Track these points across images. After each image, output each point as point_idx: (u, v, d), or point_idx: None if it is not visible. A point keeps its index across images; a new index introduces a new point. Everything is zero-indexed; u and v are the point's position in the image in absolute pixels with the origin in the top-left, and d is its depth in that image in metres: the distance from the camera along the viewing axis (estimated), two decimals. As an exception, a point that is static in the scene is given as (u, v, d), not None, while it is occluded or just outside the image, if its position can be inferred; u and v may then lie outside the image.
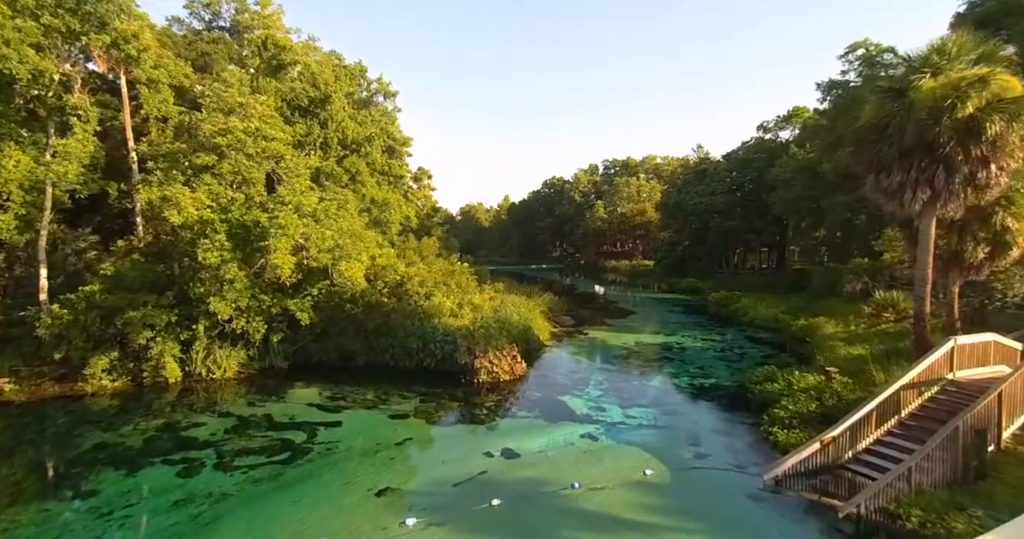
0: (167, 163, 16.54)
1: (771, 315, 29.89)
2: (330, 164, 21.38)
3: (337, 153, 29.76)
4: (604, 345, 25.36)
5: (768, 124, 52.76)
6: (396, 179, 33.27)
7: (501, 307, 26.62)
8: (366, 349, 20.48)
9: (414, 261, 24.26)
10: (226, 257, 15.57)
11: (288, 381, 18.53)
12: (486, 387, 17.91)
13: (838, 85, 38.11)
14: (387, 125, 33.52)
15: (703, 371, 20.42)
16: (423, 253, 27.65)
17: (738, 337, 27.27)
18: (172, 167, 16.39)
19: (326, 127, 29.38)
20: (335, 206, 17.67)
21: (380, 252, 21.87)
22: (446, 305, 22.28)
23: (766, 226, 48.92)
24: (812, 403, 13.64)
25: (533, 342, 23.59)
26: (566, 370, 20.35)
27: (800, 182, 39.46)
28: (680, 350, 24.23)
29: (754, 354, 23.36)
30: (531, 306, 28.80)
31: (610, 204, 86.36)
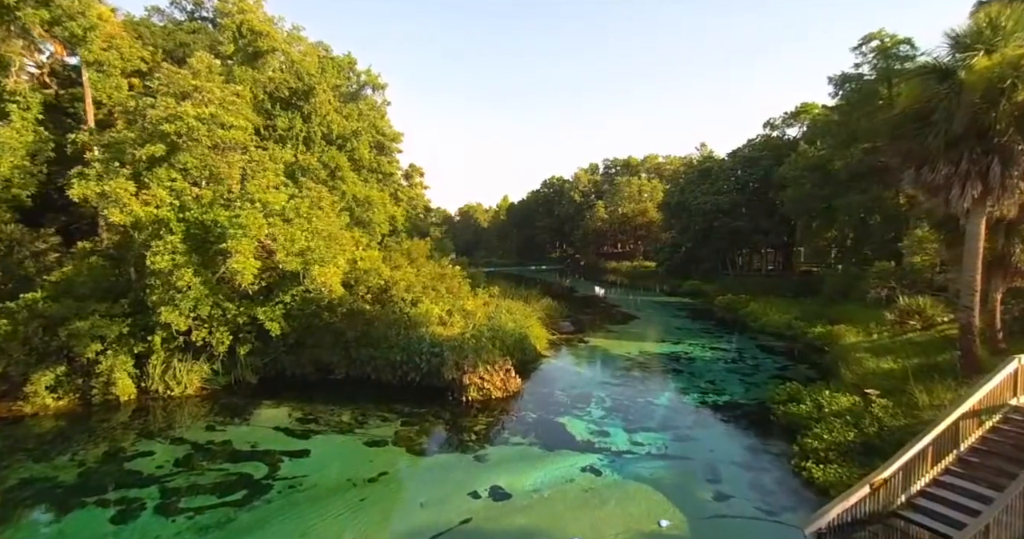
0: (109, 154, 14.70)
1: (783, 321, 28.07)
2: (307, 158, 19.59)
3: (321, 148, 27.90)
4: (606, 355, 23.52)
5: (775, 121, 50.99)
6: (385, 176, 31.41)
7: (496, 313, 24.82)
8: (345, 361, 18.64)
9: (401, 264, 22.43)
10: (179, 261, 13.73)
11: (256, 398, 16.68)
12: (476, 406, 16.07)
13: (851, 78, 36.30)
14: (376, 120, 31.67)
15: (715, 386, 18.59)
16: (412, 255, 25.78)
17: (749, 345, 25.43)
18: (114, 158, 14.54)
19: (309, 121, 27.54)
20: (307, 204, 15.81)
21: (362, 255, 20.04)
22: (434, 312, 20.44)
23: (773, 227, 47.09)
24: (849, 431, 11.79)
25: (529, 352, 21.75)
26: (565, 385, 18.51)
27: (810, 181, 37.65)
28: (688, 361, 22.39)
29: (769, 366, 21.52)
30: (528, 312, 26.98)
31: (611, 204, 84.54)
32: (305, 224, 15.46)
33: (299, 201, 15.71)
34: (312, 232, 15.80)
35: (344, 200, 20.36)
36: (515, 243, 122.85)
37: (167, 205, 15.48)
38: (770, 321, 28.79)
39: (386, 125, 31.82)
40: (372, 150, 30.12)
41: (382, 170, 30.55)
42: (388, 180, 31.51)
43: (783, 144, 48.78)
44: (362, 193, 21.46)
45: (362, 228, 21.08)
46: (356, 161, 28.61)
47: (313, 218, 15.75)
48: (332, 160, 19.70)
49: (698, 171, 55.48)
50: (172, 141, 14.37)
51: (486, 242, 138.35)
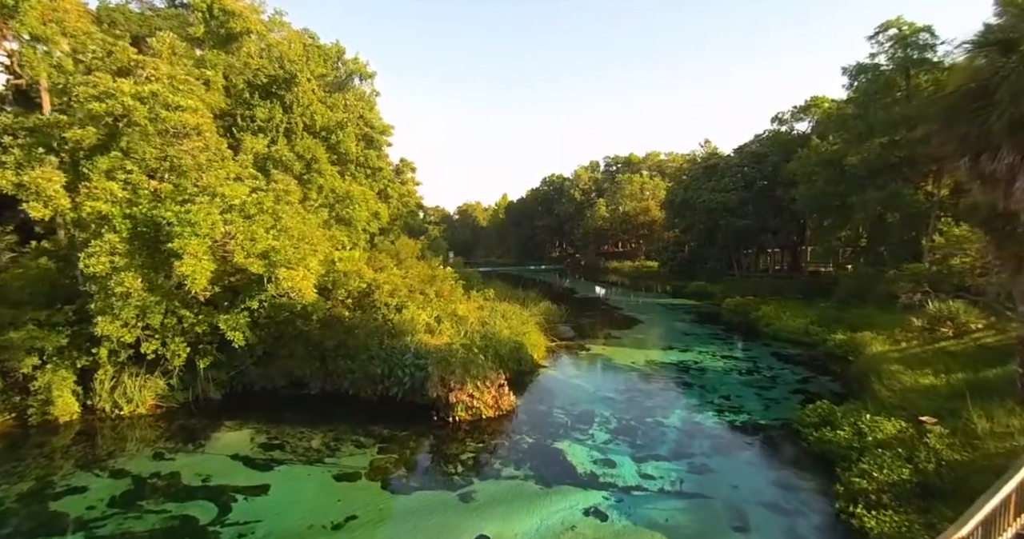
0: (33, 139, 12.86)
1: (799, 327, 26.20)
2: (279, 149, 17.73)
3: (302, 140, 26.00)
4: (609, 365, 21.67)
5: (783, 115, 49.09)
6: (374, 171, 29.51)
7: (490, 318, 23.01)
8: (321, 374, 16.80)
9: (386, 265, 20.58)
10: (119, 263, 11.88)
11: (217, 418, 14.82)
12: (464, 427, 14.22)
13: (867, 69, 34.40)
14: (364, 111, 29.77)
15: (730, 402, 16.75)
16: (400, 256, 23.93)
17: (763, 354, 23.57)
18: (38, 144, 12.70)
19: (290, 111, 25.63)
20: (272, 198, 13.95)
21: (342, 255, 18.19)
22: (421, 319, 18.60)
23: (781, 225, 45.26)
24: (902, 467, 9.94)
25: (526, 363, 19.90)
26: (564, 401, 16.65)
27: (823, 177, 35.77)
28: (698, 372, 20.54)
29: (788, 378, 19.68)
30: (525, 317, 25.14)
31: (612, 202, 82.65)
32: (270, 221, 13.60)
33: (262, 195, 13.84)
34: (280, 230, 13.95)
35: (321, 195, 18.53)
36: (514, 242, 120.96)
37: (115, 200, 13.59)
38: (784, 326, 26.93)
39: (375, 117, 29.91)
40: (359, 143, 28.22)
41: (370, 164, 28.65)
42: (377, 175, 29.61)
43: (792, 139, 46.89)
44: (342, 188, 19.59)
45: (343, 226, 19.24)
46: (342, 155, 26.73)
47: (280, 214, 13.89)
48: (308, 151, 17.87)
49: (703, 168, 53.57)
50: (108, 124, 12.52)
51: (485, 241, 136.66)
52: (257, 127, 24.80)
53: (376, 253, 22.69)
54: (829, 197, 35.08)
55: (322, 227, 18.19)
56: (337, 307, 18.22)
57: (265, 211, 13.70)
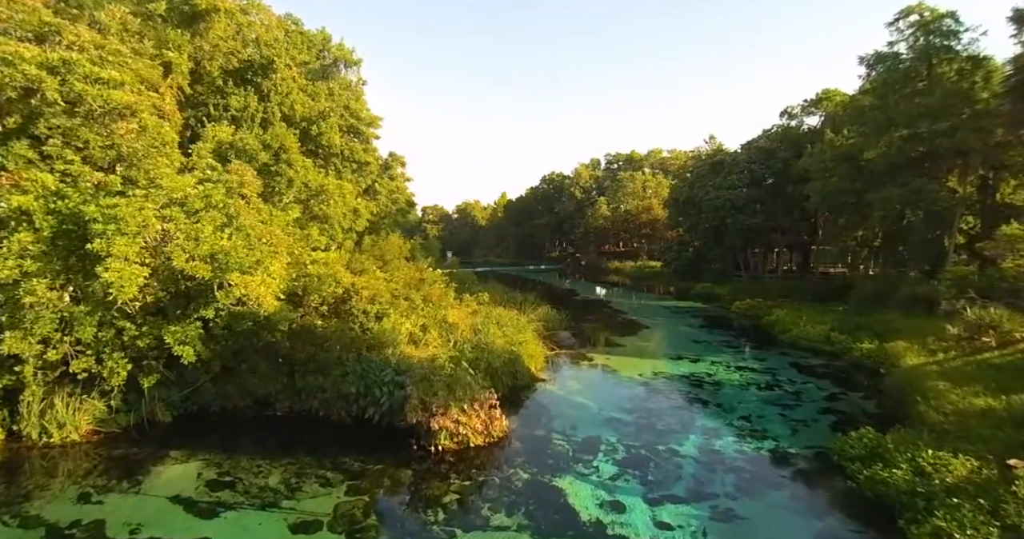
0: None
1: (819, 334, 24.20)
2: (243, 137, 15.71)
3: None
4: (613, 377, 19.69)
5: (793, 109, 47.10)
6: (360, 166, 27.50)
7: (484, 325, 21.03)
8: (288, 392, 14.80)
9: (367, 268, 18.59)
10: (30, 268, 9.90)
11: (163, 446, 12.82)
12: (449, 458, 12.24)
13: (886, 58, 32.38)
14: (350, 101, 27.75)
15: (751, 424, 14.77)
16: (386, 257, 21.93)
17: (782, 364, 21.58)
18: None
19: (268, 100, 23.63)
20: (221, 191, 11.92)
21: (317, 257, 16.21)
22: (404, 328, 16.63)
23: (792, 224, 43.29)
24: (988, 525, 7.96)
25: (522, 376, 17.92)
26: (565, 423, 14.67)
27: (839, 172, 33.80)
28: (713, 386, 18.57)
29: (813, 393, 17.71)
30: (522, 323, 23.11)
31: (613, 201, 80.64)
32: (220, 218, 11.60)
33: (210, 187, 11.82)
34: (236, 229, 11.96)
35: (292, 189, 16.55)
36: (513, 242, 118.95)
37: (42, 194, 11.59)
38: (803, 333, 24.92)
39: (362, 107, 27.90)
40: (344, 135, 26.23)
41: (356, 158, 26.64)
42: (364, 170, 27.61)
43: (803, 134, 44.93)
44: (316, 181, 17.60)
45: (318, 224, 17.28)
46: (324, 147, 24.74)
47: (233, 210, 11.88)
48: (276, 139, 15.91)
49: (708, 164, 51.58)
50: (13, 100, 10.53)
51: (484, 241, 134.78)
52: (231, 117, 22.83)
53: (358, 254, 20.68)
54: (845, 194, 33.08)
55: (293, 225, 16.18)
56: (310, 315, 16.24)
57: (214, 206, 11.70)
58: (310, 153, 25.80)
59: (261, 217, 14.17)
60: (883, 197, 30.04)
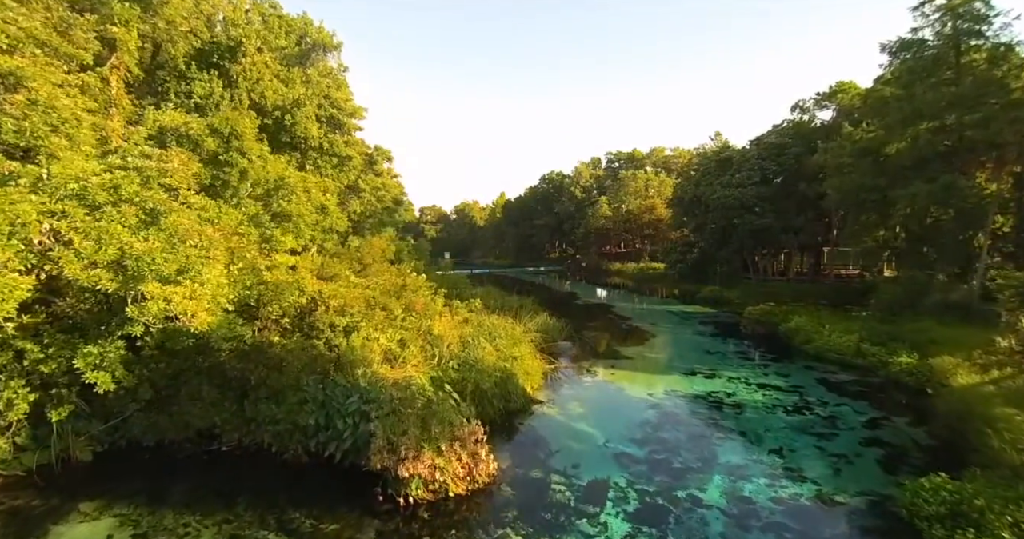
0: None
1: (847, 345, 21.85)
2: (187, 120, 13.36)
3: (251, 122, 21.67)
4: (620, 398, 17.36)
5: (804, 103, 44.73)
6: (342, 160, 25.18)
7: (475, 336, 18.74)
8: (237, 422, 12.48)
9: (340, 273, 16.27)
10: None
11: (73, 496, 10.49)
12: (422, 512, 9.91)
13: (911, 45, 30.07)
14: (331, 90, 25.43)
15: (785, 461, 12.45)
16: (364, 259, 19.61)
17: (808, 381, 19.26)
18: None
19: (235, 86, 21.34)
20: (134, 182, 9.59)
21: (278, 261, 13.90)
22: (379, 344, 14.29)
23: (805, 224, 40.92)
24: None
25: (516, 397, 15.60)
26: (566, 460, 12.33)
27: (859, 168, 31.48)
28: (734, 409, 16.23)
29: (850, 418, 15.37)
30: (518, 333, 20.80)
31: (615, 200, 78.28)
32: (134, 214, 9.27)
33: (120, 176, 9.49)
34: (159, 228, 9.65)
35: (246, 182, 14.22)
36: (512, 243, 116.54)
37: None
38: (828, 344, 22.54)
39: (343, 97, 25.57)
40: (322, 126, 23.91)
41: (336, 152, 24.32)
42: (346, 165, 25.29)
43: (816, 129, 42.64)
44: (274, 172, 15.26)
45: (280, 223, 14.96)
46: (299, 139, 22.42)
47: (151, 204, 9.54)
48: (225, 123, 13.63)
49: (716, 161, 49.23)
50: None
51: (482, 242, 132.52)
52: (194, 105, 20.57)
53: (332, 258, 18.35)
54: (866, 191, 30.74)
55: (248, 224, 13.85)
56: (268, 330, 13.93)
57: (126, 200, 9.39)
58: (285, 146, 23.51)
59: (208, 214, 11.84)
60: (909, 194, 27.67)
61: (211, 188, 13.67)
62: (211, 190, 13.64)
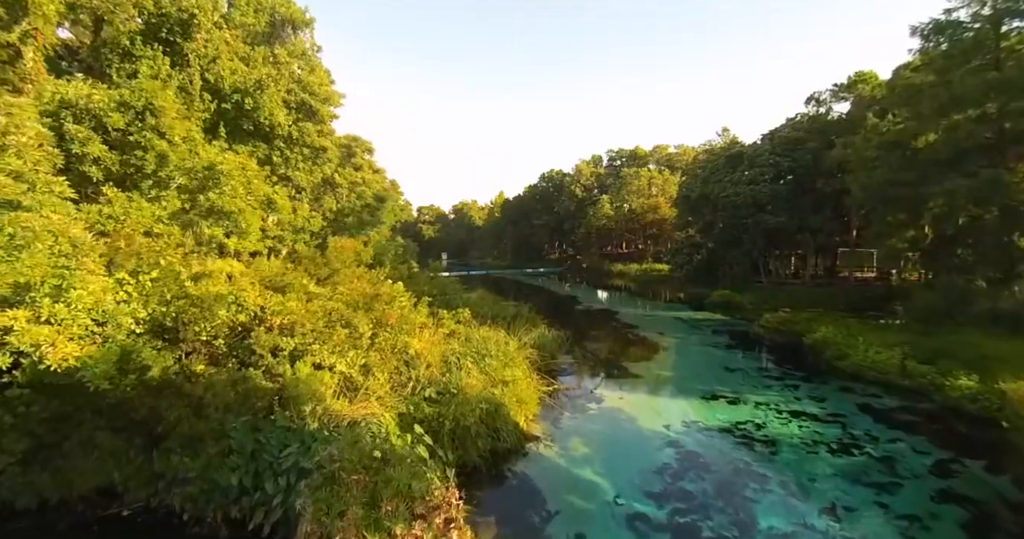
0: None
1: (888, 362, 19.09)
2: (89, 92, 10.67)
3: (205, 107, 18.95)
4: (631, 431, 14.60)
5: (820, 95, 42.05)
6: (315, 152, 22.44)
7: (462, 354, 16.10)
8: (144, 477, 9.72)
9: (294, 283, 13.53)
10: None
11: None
12: (367, 620, 7.17)
13: (947, 27, 27.33)
14: (303, 73, 22.67)
15: (841, 526, 9.73)
16: (332, 264, 16.89)
17: (847, 406, 16.54)
18: None
19: (187, 65, 18.59)
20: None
21: (211, 269, 11.20)
22: (336, 372, 11.56)
23: (823, 224, 38.19)
24: None
25: (507, 434, 12.83)
26: (566, 528, 9.59)
27: (888, 162, 28.76)
28: (767, 447, 13.48)
29: (912, 462, 12.63)
30: (512, 350, 18.08)
31: (617, 199, 75.54)
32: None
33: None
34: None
35: (166, 169, 11.51)
36: (511, 243, 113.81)
37: None
38: (867, 361, 19.73)
39: (317, 81, 22.80)
40: (292, 113, 21.18)
41: (307, 142, 21.58)
42: (320, 157, 22.55)
43: (835, 122, 39.91)
44: (204, 158, 12.50)
45: (217, 221, 12.27)
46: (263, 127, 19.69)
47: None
48: (140, 96, 11.02)
49: (725, 157, 46.48)
50: None
51: (480, 242, 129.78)
52: (140, 87, 17.77)
53: (292, 264, 15.63)
54: (895, 187, 28.02)
55: (170, 222, 11.13)
56: (198, 355, 11.20)
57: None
58: (248, 134, 20.77)
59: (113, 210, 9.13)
60: (947, 190, 24.98)
61: (119, 178, 10.95)
62: (120, 180, 10.92)
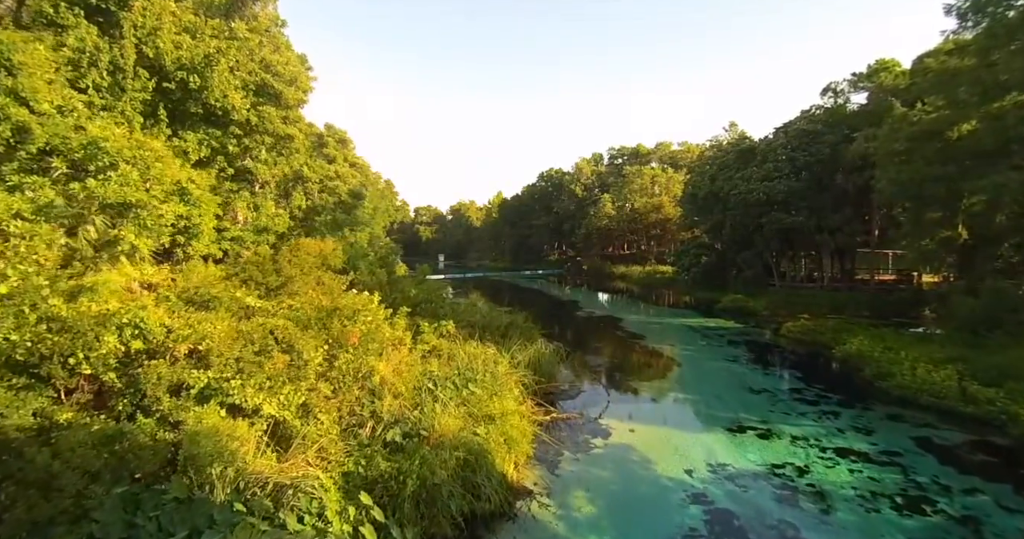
0: None
1: (944, 383, 16.28)
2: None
3: (143, 85, 16.25)
4: (646, 483, 11.78)
5: (838, 85, 39.31)
6: (280, 141, 19.70)
7: (441, 378, 13.45)
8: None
9: (222, 296, 10.80)
10: None
11: None
12: None
13: (988, 3, 24.61)
14: (265, 51, 19.91)
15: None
16: (285, 270, 14.14)
17: (902, 441, 13.79)
18: None
19: (120, 37, 15.87)
20: None
21: (84, 282, 8.47)
22: (261, 416, 8.79)
23: (843, 222, 35.42)
24: None
25: (489, 490, 10.03)
26: None
27: (921, 154, 26.03)
28: (816, 503, 10.70)
29: (1001, 523, 9.88)
30: (502, 371, 15.32)
31: (619, 198, 72.78)
32: None
33: None
34: None
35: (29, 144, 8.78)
36: (509, 244, 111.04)
37: None
38: (916, 382, 16.89)
39: (281, 60, 20.05)
40: (249, 94, 18.44)
41: (270, 130, 18.85)
42: (285, 147, 19.82)
43: (854, 114, 37.16)
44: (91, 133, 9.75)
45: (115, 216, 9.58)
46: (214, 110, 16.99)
47: None
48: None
49: (736, 152, 43.72)
50: None
51: (478, 243, 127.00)
52: (67, 61, 15.12)
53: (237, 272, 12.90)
54: (931, 182, 25.29)
55: (37, 218, 8.40)
56: (83, 393, 8.46)
57: None
58: (198, 119, 18.03)
59: None
60: (994, 184, 22.25)
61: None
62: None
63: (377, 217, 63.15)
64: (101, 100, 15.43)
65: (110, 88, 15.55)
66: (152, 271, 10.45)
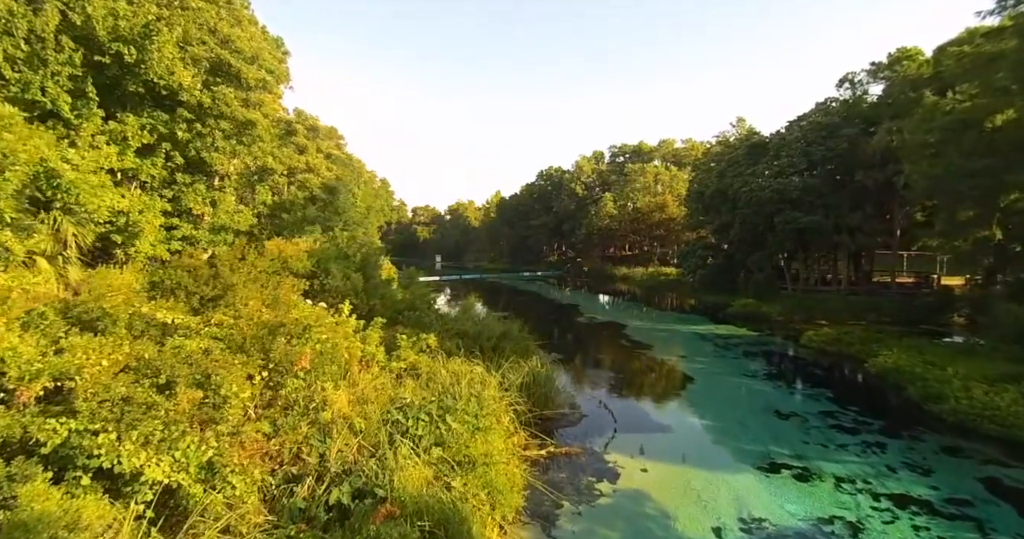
0: None
1: (1008, 408, 13.89)
2: None
3: (68, 58, 13.86)
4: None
5: (855, 76, 36.94)
6: (241, 127, 17.32)
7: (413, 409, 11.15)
8: None
9: (117, 313, 8.45)
10: None
11: None
12: None
13: (1035, -22, 22.26)
14: (223, 26, 17.49)
15: None
16: (224, 277, 11.75)
17: (971, 484, 11.44)
18: None
19: (41, 1, 13.51)
20: None
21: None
22: (142, 483, 6.38)
23: (863, 221, 33.06)
24: None
25: (462, 568, 7.65)
26: None
27: (958, 146, 23.69)
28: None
29: None
30: (489, 396, 12.91)
31: (620, 197, 70.40)
32: None
33: None
34: None
35: None
36: (507, 244, 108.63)
37: None
38: (974, 407, 14.51)
39: (244, 36, 17.64)
40: (201, 72, 16.04)
41: (226, 113, 16.45)
42: (247, 134, 17.44)
43: (873, 106, 34.83)
44: None
45: None
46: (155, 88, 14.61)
47: None
48: None
49: (746, 148, 41.35)
50: None
51: (476, 243, 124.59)
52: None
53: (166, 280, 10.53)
54: (969, 176, 22.94)
55: None
56: None
57: None
58: (140, 99, 15.64)
59: None
60: (1045, 179, 19.94)
61: None
62: None
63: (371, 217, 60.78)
64: (16, 73, 13.09)
65: (27, 59, 13.23)
66: (27, 276, 8.12)
